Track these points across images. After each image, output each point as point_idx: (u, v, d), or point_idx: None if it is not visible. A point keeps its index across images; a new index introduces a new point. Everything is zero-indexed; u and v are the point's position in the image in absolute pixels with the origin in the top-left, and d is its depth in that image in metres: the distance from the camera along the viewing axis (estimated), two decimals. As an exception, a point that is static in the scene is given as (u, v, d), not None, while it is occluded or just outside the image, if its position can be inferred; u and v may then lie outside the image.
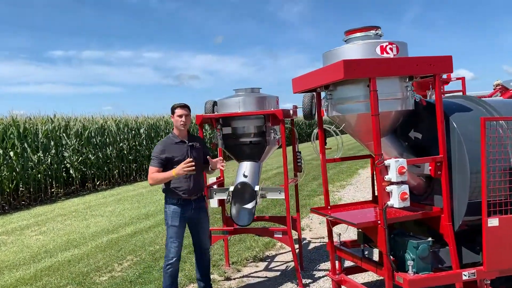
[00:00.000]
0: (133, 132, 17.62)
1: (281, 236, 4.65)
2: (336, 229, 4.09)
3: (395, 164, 3.20)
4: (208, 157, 4.23)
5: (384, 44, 3.42)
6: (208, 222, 4.37)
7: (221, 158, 4.30)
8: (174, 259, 4.04)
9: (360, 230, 3.79)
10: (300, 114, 5.09)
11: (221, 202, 5.18)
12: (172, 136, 4.19)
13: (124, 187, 14.88)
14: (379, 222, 3.31)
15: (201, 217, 4.24)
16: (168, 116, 16.58)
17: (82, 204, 11.41)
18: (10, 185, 11.62)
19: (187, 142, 4.15)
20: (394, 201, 3.22)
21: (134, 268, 5.58)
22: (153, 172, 4.04)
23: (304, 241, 6.37)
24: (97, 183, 15.19)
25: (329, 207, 4.07)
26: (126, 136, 16.97)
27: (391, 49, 3.43)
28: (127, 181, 16.33)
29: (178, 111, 4.11)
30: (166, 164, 4.03)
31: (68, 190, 14.08)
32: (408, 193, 3.22)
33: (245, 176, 4.69)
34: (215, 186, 5.08)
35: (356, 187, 10.90)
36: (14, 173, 11.81)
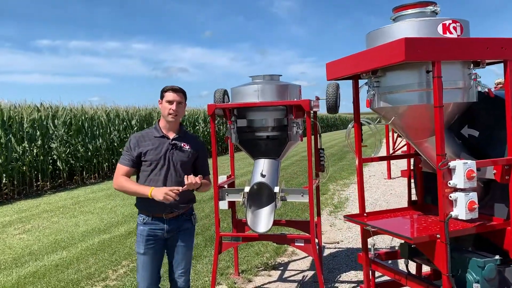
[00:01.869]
0: (124, 123, 16.87)
1: (302, 244, 4.07)
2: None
3: (463, 167, 2.62)
4: (204, 177, 3.15)
5: (447, 22, 2.83)
6: (189, 252, 3.25)
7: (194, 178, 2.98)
8: None
9: (405, 242, 3.23)
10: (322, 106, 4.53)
11: (231, 204, 4.62)
12: (154, 128, 3.19)
13: (114, 181, 14.18)
14: (438, 236, 2.75)
15: (178, 245, 3.17)
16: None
17: (70, 199, 10.70)
18: (-7, 178, 10.86)
19: (170, 138, 3.14)
20: (460, 212, 2.65)
21: (131, 276, 4.95)
22: (121, 172, 3.07)
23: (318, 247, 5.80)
24: (86, 176, 14.44)
25: (365, 214, 3.50)
26: (117, 128, 16.23)
27: (454, 28, 2.84)
28: (117, 175, 15.60)
29: (169, 95, 3.08)
30: (139, 163, 3.11)
31: (54, 183, 13.31)
32: (477, 202, 2.66)
33: (262, 175, 4.09)
34: (226, 186, 4.49)
35: (361, 186, 10.35)
36: (-3, 164, 11.04)
